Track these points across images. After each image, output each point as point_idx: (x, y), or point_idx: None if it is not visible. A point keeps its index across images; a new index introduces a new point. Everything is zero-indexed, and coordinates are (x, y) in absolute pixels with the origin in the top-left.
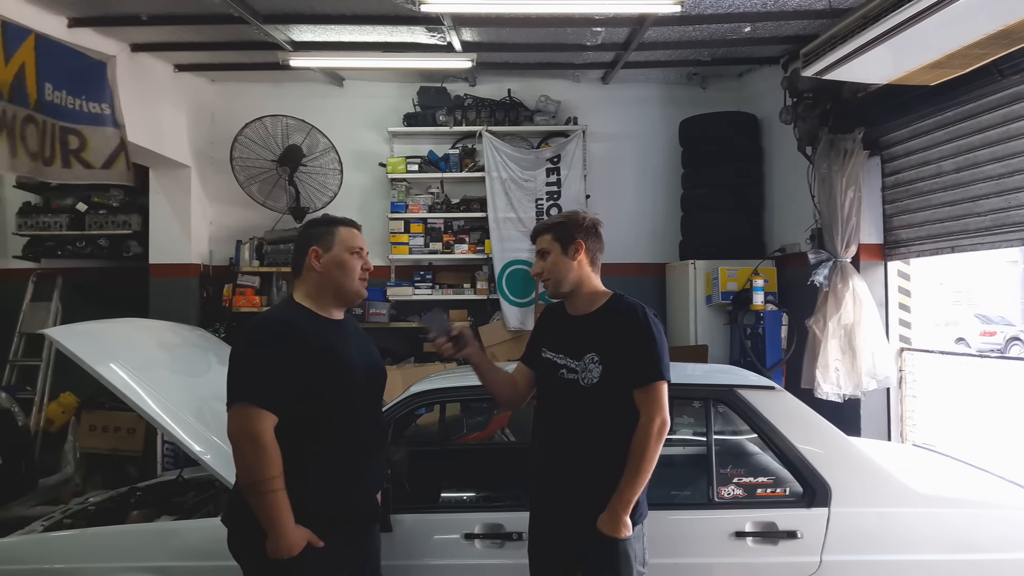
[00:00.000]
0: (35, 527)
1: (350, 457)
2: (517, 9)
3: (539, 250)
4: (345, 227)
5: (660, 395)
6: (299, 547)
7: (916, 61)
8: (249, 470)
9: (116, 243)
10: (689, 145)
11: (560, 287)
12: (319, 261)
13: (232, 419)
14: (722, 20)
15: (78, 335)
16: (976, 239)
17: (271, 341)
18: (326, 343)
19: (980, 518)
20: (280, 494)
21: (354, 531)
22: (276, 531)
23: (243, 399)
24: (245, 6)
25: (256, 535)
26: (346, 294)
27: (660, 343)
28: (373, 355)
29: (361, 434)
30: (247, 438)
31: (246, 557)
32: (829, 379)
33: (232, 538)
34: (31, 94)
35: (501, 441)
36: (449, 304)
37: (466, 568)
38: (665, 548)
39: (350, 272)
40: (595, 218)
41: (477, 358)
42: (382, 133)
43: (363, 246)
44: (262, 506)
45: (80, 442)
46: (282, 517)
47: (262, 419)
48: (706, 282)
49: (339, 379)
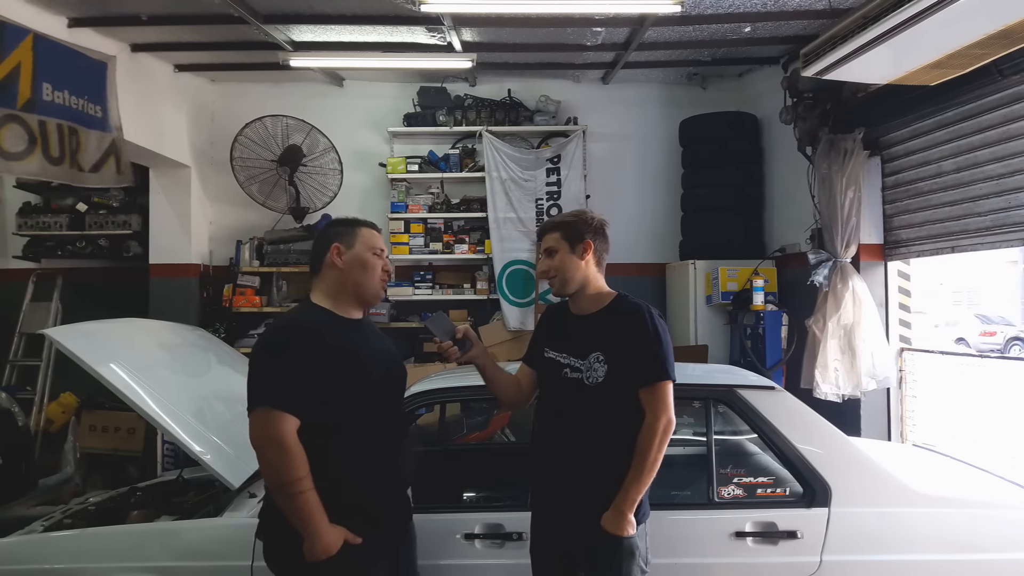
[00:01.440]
0: (35, 527)
1: (374, 454)
2: (517, 9)
3: (546, 248)
4: (367, 228)
5: (666, 394)
6: (337, 546)
7: (916, 61)
8: (276, 473)
9: (116, 243)
10: (689, 145)
11: (566, 286)
12: (340, 258)
13: (254, 424)
14: (722, 20)
15: (78, 335)
16: (976, 239)
17: (290, 344)
18: (346, 343)
19: (980, 518)
20: (310, 494)
21: (387, 527)
22: (311, 532)
23: (264, 403)
24: (245, 6)
25: (292, 543)
26: (366, 293)
27: (665, 343)
28: (392, 353)
29: (383, 432)
30: (270, 442)
31: (284, 567)
32: (828, 379)
33: (268, 551)
34: (23, 94)
35: (501, 441)
36: (449, 304)
37: (466, 568)
38: (665, 548)
39: (371, 271)
40: (602, 219)
41: (482, 360)
42: (382, 133)
43: (384, 248)
44: (293, 508)
45: (80, 442)
46: (315, 517)
47: (284, 422)
48: (706, 282)
49: (359, 378)
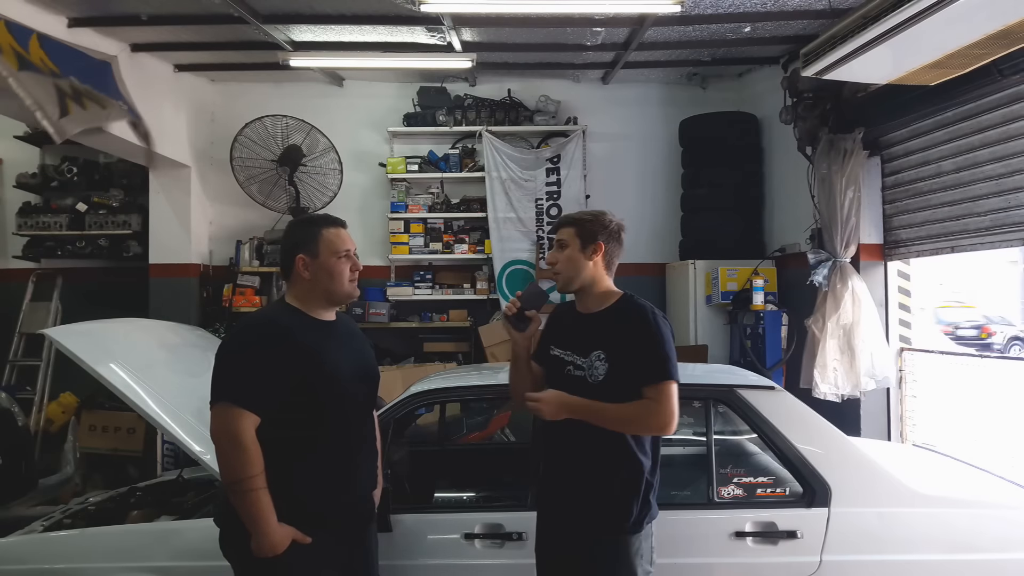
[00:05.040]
0: (35, 527)
1: (337, 457)
2: (517, 9)
3: (558, 240)
4: (329, 228)
5: (670, 394)
6: (283, 545)
7: (916, 61)
8: (230, 469)
9: (116, 243)
10: (689, 145)
11: (571, 284)
12: (307, 270)
13: (214, 419)
14: (722, 20)
15: (78, 335)
16: (976, 239)
17: (257, 341)
18: (313, 344)
19: (980, 518)
20: (261, 493)
21: (346, 530)
22: (259, 530)
23: (225, 399)
24: (245, 6)
25: (244, 535)
26: (335, 297)
27: (669, 343)
28: (365, 356)
29: (348, 435)
30: (227, 438)
31: (235, 556)
32: (827, 379)
33: (223, 538)
34: None
35: (501, 441)
36: (449, 304)
37: (466, 568)
38: (665, 548)
39: (338, 277)
40: (621, 223)
41: (525, 346)
42: (382, 133)
43: (350, 246)
44: (243, 505)
45: (80, 442)
46: (264, 516)
47: (243, 419)
48: (706, 282)
49: (325, 380)
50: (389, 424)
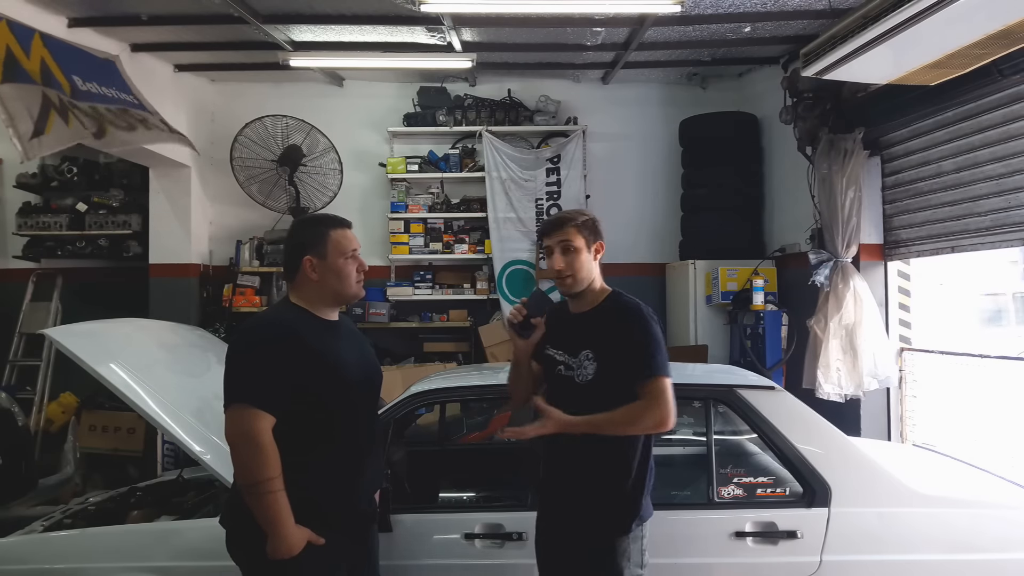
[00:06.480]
0: (35, 527)
1: (346, 457)
2: (517, 9)
3: (563, 243)
4: (336, 229)
5: (663, 390)
6: (300, 547)
7: (916, 61)
8: (248, 471)
9: (116, 243)
10: (689, 145)
11: (579, 286)
12: (315, 272)
13: (229, 421)
14: (722, 20)
15: (78, 335)
16: (976, 239)
17: (267, 342)
18: (321, 344)
19: (980, 518)
20: (280, 495)
21: (352, 530)
22: (277, 532)
23: (240, 400)
24: (245, 6)
25: (255, 536)
26: (343, 297)
27: (658, 340)
28: (368, 355)
29: (356, 434)
30: (245, 439)
31: (245, 558)
32: (831, 379)
33: (231, 539)
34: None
35: (501, 441)
36: (449, 304)
37: (466, 568)
38: (665, 548)
39: (347, 279)
40: None
41: (528, 351)
42: (382, 133)
43: (356, 247)
44: (262, 507)
45: (80, 442)
46: (282, 518)
47: (260, 420)
48: (706, 282)
49: (334, 379)
50: (389, 424)
